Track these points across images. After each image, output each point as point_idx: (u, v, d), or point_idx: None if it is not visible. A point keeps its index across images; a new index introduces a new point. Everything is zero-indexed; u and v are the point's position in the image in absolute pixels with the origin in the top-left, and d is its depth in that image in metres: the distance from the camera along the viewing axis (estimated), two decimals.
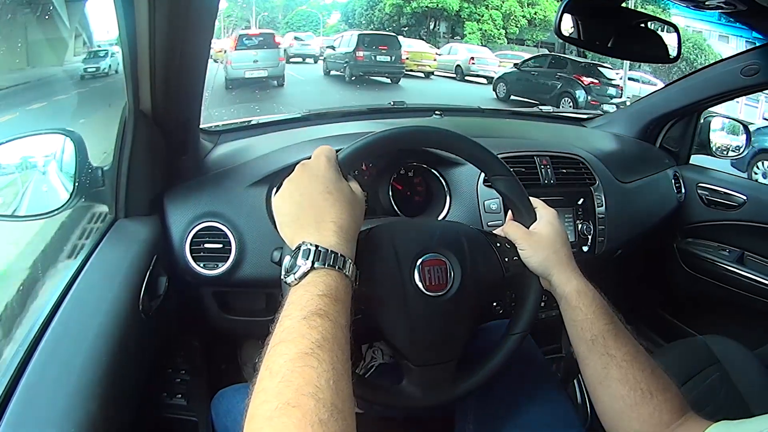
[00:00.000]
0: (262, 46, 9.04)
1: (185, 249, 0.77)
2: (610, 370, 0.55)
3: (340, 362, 0.39)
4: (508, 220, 0.65)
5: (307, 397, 0.35)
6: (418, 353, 0.58)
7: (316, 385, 0.36)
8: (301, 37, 14.23)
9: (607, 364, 0.55)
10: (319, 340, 0.39)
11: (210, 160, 0.91)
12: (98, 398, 0.47)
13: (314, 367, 0.37)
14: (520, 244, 0.62)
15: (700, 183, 1.24)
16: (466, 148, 0.63)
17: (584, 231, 0.96)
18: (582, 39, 0.89)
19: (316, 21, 21.25)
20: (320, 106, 1.36)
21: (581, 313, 0.58)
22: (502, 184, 0.63)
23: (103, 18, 1.40)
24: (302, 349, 0.38)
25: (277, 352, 0.39)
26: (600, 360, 0.55)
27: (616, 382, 0.54)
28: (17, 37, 1.32)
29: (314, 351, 0.38)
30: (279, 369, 0.37)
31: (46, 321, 0.53)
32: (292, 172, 0.52)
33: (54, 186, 0.67)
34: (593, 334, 0.56)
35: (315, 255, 0.45)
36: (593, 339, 0.56)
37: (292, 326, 0.41)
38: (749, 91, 1.14)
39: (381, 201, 0.90)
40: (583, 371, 0.58)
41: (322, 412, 0.35)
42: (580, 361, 0.59)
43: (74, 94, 1.77)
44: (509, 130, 1.31)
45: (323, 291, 0.44)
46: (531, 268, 0.61)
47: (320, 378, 0.37)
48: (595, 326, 0.57)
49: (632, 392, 0.53)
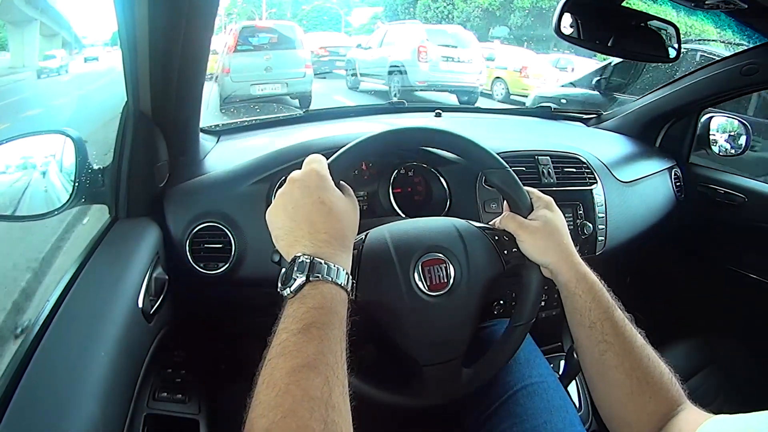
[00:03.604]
0: (277, 45, 5.84)
1: (185, 249, 0.77)
2: (607, 357, 0.55)
3: (336, 375, 0.40)
4: (505, 212, 0.65)
5: (303, 410, 0.36)
6: (423, 352, 0.58)
7: (312, 397, 0.37)
8: (333, 44, 9.66)
9: (605, 351, 0.55)
10: (315, 353, 0.40)
11: (210, 160, 0.91)
12: (98, 398, 0.47)
13: (310, 381, 0.38)
14: (518, 235, 0.61)
15: (700, 182, 1.24)
16: (457, 144, 0.63)
17: (584, 230, 0.96)
18: (582, 38, 0.89)
19: (337, 19, 16.69)
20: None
21: (580, 299, 0.58)
22: (496, 176, 0.63)
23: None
24: (299, 363, 0.39)
25: (274, 366, 0.40)
26: (597, 347, 0.55)
27: (612, 369, 0.54)
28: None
29: (310, 364, 0.39)
30: (276, 382, 0.38)
31: (46, 321, 0.53)
32: (284, 185, 0.52)
33: (54, 186, 0.67)
34: (591, 320, 0.56)
35: (310, 268, 0.45)
36: (591, 325, 0.56)
37: (288, 339, 0.41)
38: (749, 91, 1.14)
39: (381, 201, 0.90)
40: (581, 359, 0.59)
41: (317, 425, 0.36)
42: (578, 349, 0.59)
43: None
44: (510, 128, 1.31)
45: (319, 303, 0.44)
46: (531, 257, 0.61)
47: (316, 390, 0.38)
48: (594, 312, 0.57)
49: (628, 380, 0.53)
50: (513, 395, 0.65)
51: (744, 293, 1.19)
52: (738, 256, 1.20)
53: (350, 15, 17.31)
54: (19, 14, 4.34)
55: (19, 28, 4.50)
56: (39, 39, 4.62)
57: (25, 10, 4.43)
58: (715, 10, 0.84)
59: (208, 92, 0.84)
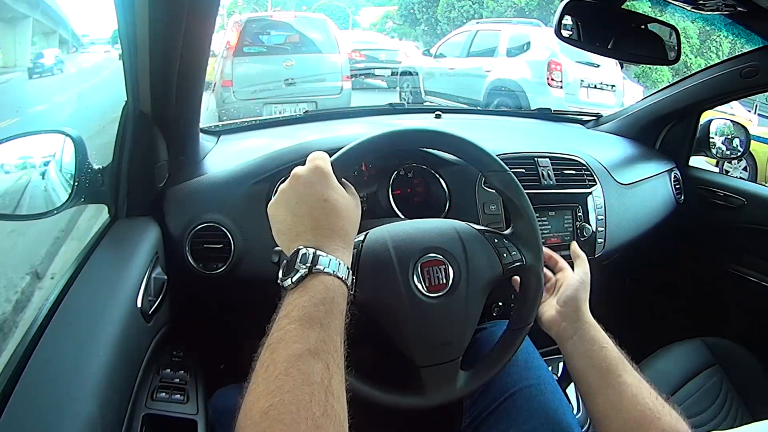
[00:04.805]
0: (301, 47, 4.11)
1: (185, 249, 0.77)
2: (623, 395, 0.57)
3: (335, 365, 0.40)
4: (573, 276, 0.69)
5: (304, 394, 0.36)
6: (422, 354, 0.58)
7: (312, 382, 0.37)
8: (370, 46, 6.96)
9: (622, 390, 0.57)
10: (316, 340, 0.40)
11: (210, 160, 0.91)
12: (97, 398, 0.47)
13: (311, 366, 0.38)
14: (562, 289, 0.68)
15: (699, 185, 1.24)
16: (460, 146, 0.64)
17: (584, 232, 0.96)
18: (582, 40, 0.89)
19: (344, 19, 14.43)
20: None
21: (596, 343, 0.61)
22: (497, 179, 0.64)
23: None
24: (300, 348, 0.39)
25: (274, 352, 0.40)
26: (613, 389, 0.57)
27: (629, 406, 0.56)
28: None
29: (311, 350, 0.39)
30: (276, 366, 0.38)
31: (44, 320, 0.52)
32: (286, 179, 0.52)
33: (54, 186, 0.67)
34: (608, 363, 0.59)
35: (313, 260, 0.46)
36: (608, 367, 0.59)
37: (289, 326, 0.41)
38: (749, 93, 1.14)
39: (380, 202, 0.90)
40: (592, 403, 0.60)
41: (317, 409, 0.36)
42: (589, 394, 0.60)
43: None
44: (509, 130, 1.31)
45: (321, 294, 0.44)
46: (560, 308, 0.66)
47: (316, 376, 0.38)
48: (610, 354, 0.60)
49: (644, 411, 0.55)
50: (511, 397, 0.65)
51: (744, 295, 1.20)
52: (738, 258, 1.20)
53: (358, 14, 15.60)
54: (10, 11, 4.25)
55: (11, 26, 4.40)
56: (33, 37, 4.55)
57: (17, 7, 4.33)
58: (714, 13, 0.84)
59: (204, 108, 0.84)
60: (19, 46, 4.39)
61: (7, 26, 4.37)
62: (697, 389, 0.91)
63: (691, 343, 1.01)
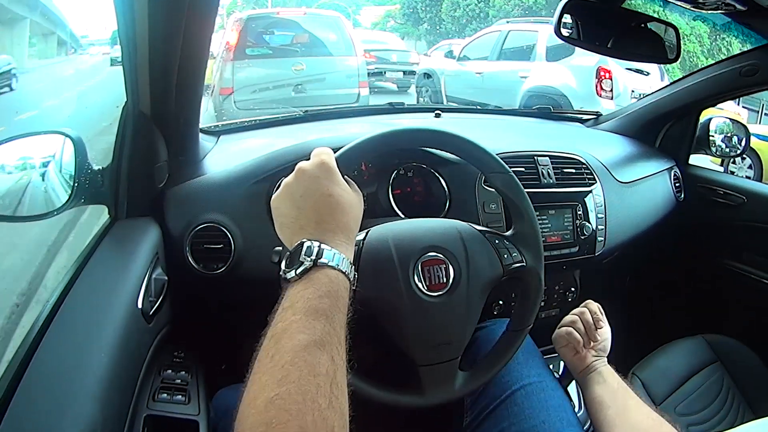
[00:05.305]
0: (312, 49, 3.69)
1: (185, 249, 0.77)
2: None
3: (340, 358, 0.40)
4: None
5: (310, 384, 0.36)
6: (422, 353, 0.58)
7: (318, 373, 0.37)
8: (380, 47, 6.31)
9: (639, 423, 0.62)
10: (321, 334, 0.40)
11: (210, 160, 0.91)
12: (98, 399, 0.47)
13: (317, 357, 0.38)
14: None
15: (699, 183, 1.24)
16: (463, 146, 0.64)
17: (584, 231, 0.96)
18: (581, 39, 0.89)
19: (345, 17, 12.79)
20: None
21: (612, 385, 0.68)
22: (499, 180, 0.64)
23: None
24: (304, 341, 0.39)
25: (279, 342, 0.39)
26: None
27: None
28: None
29: (317, 342, 0.39)
30: (281, 357, 0.38)
31: (45, 322, 0.52)
32: (290, 174, 0.52)
33: (53, 186, 0.67)
34: (625, 402, 0.65)
35: (318, 253, 0.45)
36: (624, 405, 0.64)
37: (293, 317, 0.41)
38: (749, 92, 1.15)
39: (380, 201, 0.90)
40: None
41: (322, 400, 0.36)
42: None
43: None
44: (509, 129, 1.31)
45: (326, 287, 0.44)
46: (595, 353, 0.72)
47: (322, 367, 0.38)
48: (628, 393, 0.66)
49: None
50: (511, 395, 0.65)
51: (744, 292, 1.20)
52: (738, 255, 1.20)
53: (359, 14, 15.06)
54: (8, 12, 4.20)
55: (8, 27, 4.33)
56: (32, 38, 4.50)
57: (15, 9, 4.29)
58: (714, 11, 0.84)
59: (203, 108, 0.84)
60: (16, 48, 4.37)
61: (4, 28, 4.34)
62: (698, 386, 0.92)
63: (692, 340, 1.01)
